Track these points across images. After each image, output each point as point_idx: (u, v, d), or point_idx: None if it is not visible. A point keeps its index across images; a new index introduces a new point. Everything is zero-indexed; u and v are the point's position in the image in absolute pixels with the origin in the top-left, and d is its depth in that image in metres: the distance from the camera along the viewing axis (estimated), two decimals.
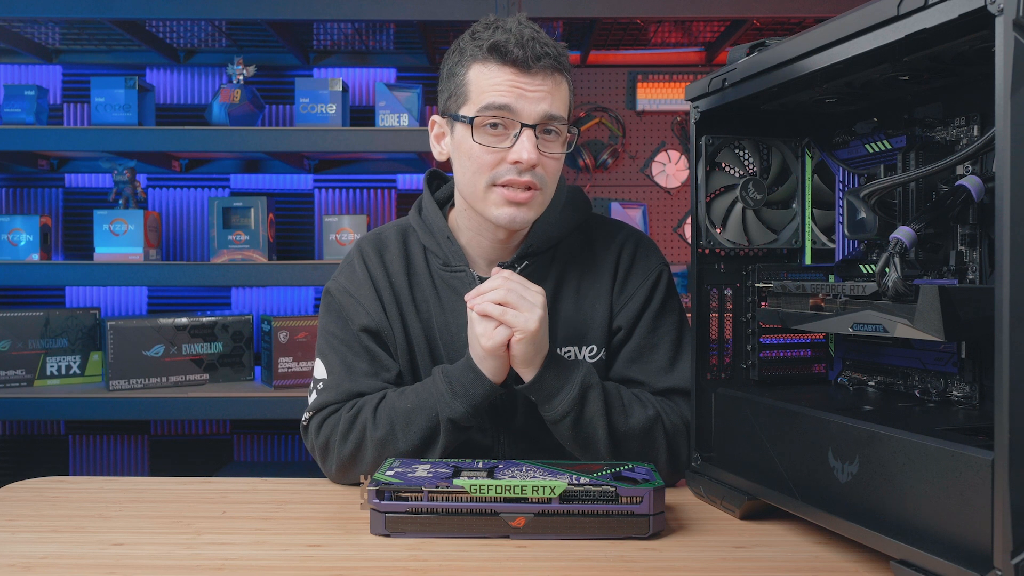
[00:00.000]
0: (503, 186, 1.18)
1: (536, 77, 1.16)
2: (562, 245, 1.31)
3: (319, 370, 1.29)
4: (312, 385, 1.30)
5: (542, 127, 1.18)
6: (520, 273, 1.25)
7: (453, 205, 1.33)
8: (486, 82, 1.17)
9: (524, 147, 1.15)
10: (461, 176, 1.23)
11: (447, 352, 1.28)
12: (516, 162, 1.16)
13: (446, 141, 1.27)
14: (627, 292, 1.30)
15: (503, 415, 1.28)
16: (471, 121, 1.17)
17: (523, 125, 1.16)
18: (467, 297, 1.18)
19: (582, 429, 1.18)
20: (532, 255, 1.28)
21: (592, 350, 1.28)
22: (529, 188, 1.18)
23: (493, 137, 1.17)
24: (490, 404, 1.22)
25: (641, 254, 1.32)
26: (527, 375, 1.17)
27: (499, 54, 1.16)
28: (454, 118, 1.22)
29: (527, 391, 1.18)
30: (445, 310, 1.29)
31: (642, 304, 1.29)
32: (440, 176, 1.40)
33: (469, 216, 1.27)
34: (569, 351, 1.28)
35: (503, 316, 1.13)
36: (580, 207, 1.33)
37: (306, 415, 1.28)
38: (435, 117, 1.28)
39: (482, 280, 1.25)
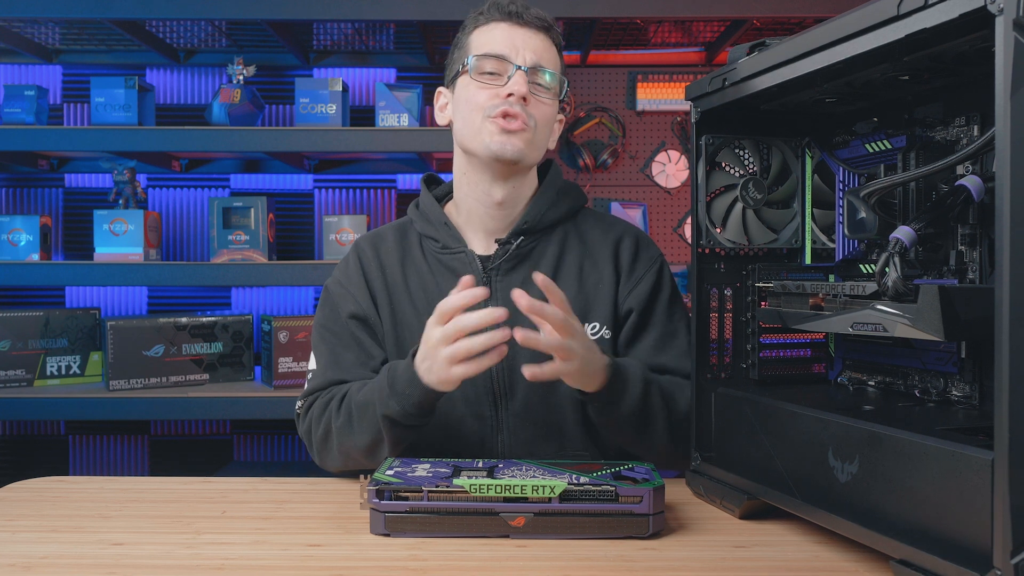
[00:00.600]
0: (498, 117, 1.24)
1: (528, 29, 1.28)
2: (559, 228, 1.35)
3: (311, 362, 1.34)
4: (307, 377, 1.35)
5: (533, 75, 1.26)
6: (517, 249, 1.30)
7: (450, 199, 1.38)
8: (484, 37, 1.28)
9: (516, 82, 1.24)
10: (460, 124, 1.30)
11: None
12: (509, 95, 1.24)
13: (449, 108, 1.35)
14: (635, 275, 1.33)
15: (503, 397, 1.28)
16: (469, 66, 1.27)
17: (516, 67, 1.25)
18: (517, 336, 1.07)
19: (645, 421, 1.20)
20: (528, 232, 1.31)
21: (595, 327, 1.30)
22: (521, 122, 1.25)
23: (490, 79, 1.26)
24: (487, 388, 1.26)
25: (643, 243, 1.38)
26: (588, 388, 1.17)
27: (496, 10, 1.29)
28: (455, 78, 1.30)
29: (590, 399, 1.19)
30: (443, 293, 1.29)
31: (652, 288, 1.32)
32: (437, 179, 1.45)
33: (469, 179, 1.31)
34: None
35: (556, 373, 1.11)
36: (576, 196, 1.39)
37: (298, 403, 1.33)
38: (441, 88, 1.37)
39: (481, 259, 1.30)
